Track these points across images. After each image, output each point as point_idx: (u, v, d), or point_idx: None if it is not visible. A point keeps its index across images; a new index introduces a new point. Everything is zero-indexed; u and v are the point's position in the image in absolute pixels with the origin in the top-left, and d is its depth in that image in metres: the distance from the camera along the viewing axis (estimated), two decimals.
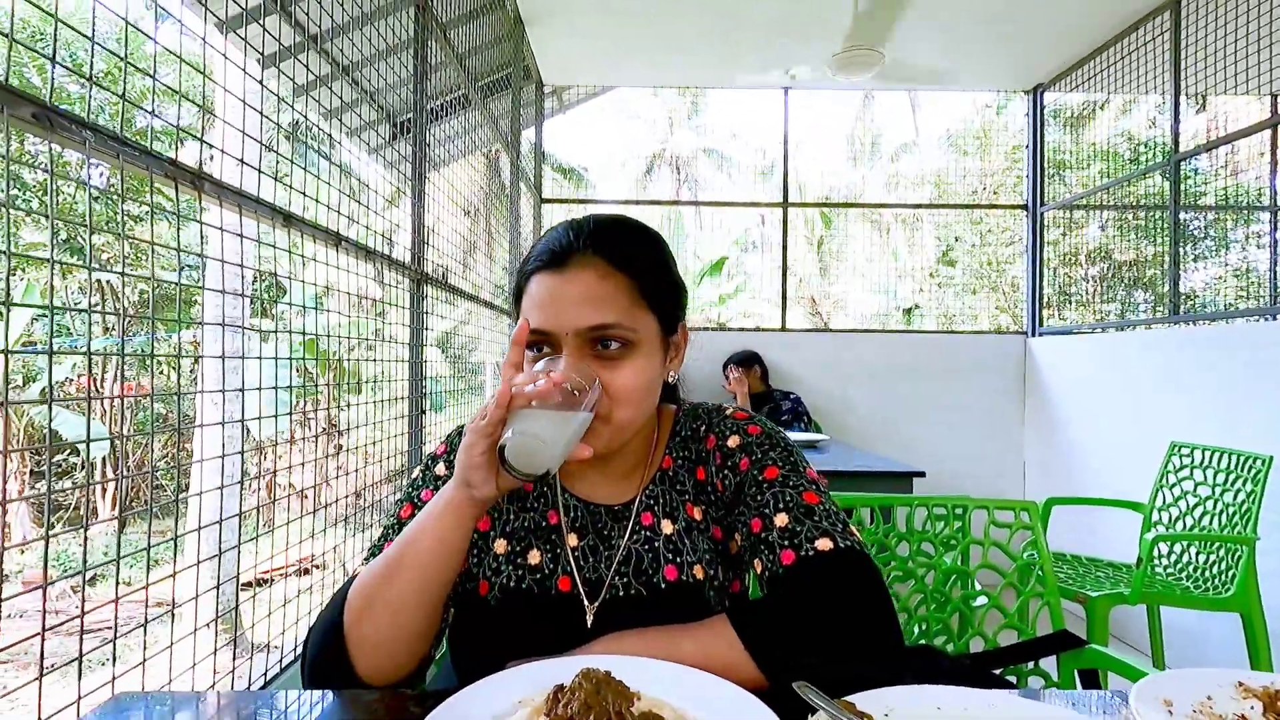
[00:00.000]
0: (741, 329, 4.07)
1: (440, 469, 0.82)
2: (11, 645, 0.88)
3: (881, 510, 1.37)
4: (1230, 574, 2.09)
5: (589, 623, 0.75)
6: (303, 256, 1.10)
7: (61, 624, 1.01)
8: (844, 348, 3.83)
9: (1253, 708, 0.56)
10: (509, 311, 3.13)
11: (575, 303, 0.71)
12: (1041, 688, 1.19)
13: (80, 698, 0.80)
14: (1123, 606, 2.08)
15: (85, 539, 0.90)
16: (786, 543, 0.70)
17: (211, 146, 0.94)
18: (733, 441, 0.81)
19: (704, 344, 3.82)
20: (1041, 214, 3.79)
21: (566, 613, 0.76)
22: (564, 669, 0.59)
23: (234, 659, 1.21)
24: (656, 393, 0.78)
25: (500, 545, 0.79)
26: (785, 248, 3.96)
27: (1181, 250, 2.89)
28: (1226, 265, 4.05)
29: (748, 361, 3.36)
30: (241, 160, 0.92)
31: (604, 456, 0.80)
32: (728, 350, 3.50)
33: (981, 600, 1.33)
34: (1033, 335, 3.76)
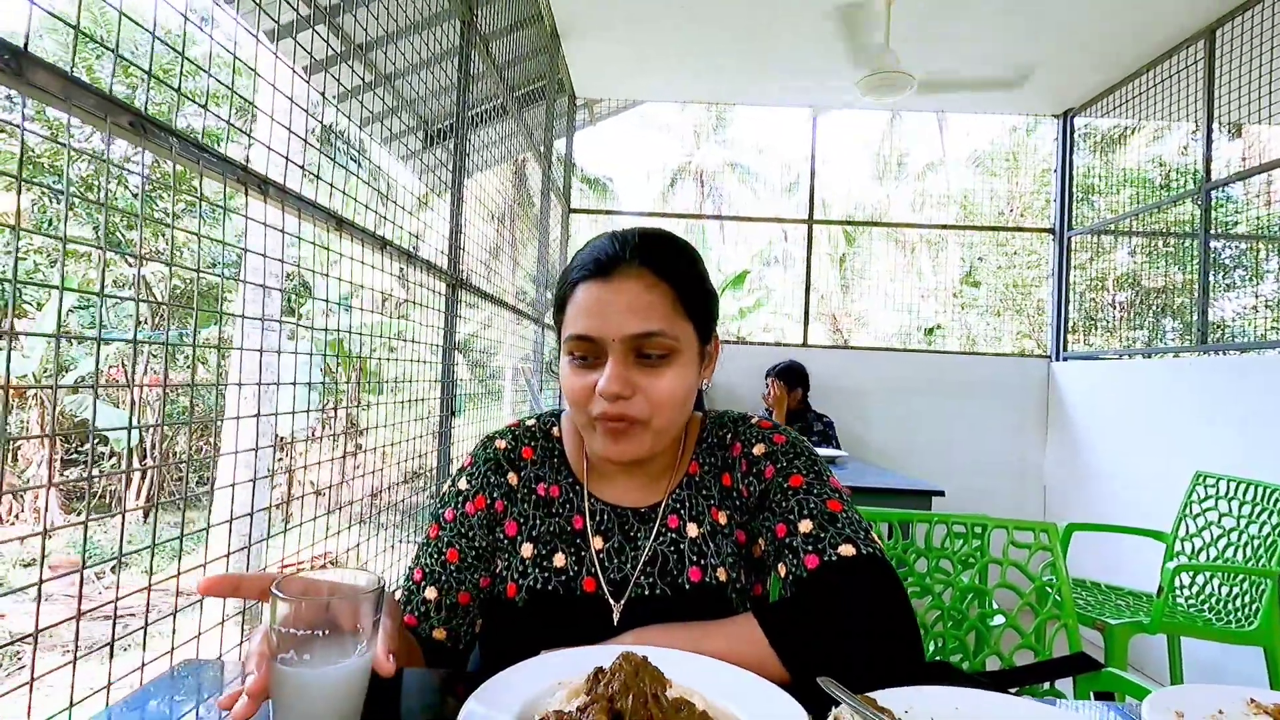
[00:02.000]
0: (763, 343, 4.08)
1: (463, 484, 0.85)
2: (49, 627, 0.92)
3: (901, 526, 1.39)
4: (1254, 607, 2.07)
5: (615, 620, 0.78)
6: (340, 254, 1.15)
7: (94, 608, 1.05)
8: (865, 365, 3.83)
9: None
10: (534, 317, 3.18)
11: (622, 311, 0.74)
12: None
13: (110, 684, 0.82)
14: (1142, 636, 2.06)
15: (123, 526, 0.95)
16: (810, 547, 0.73)
17: (271, 150, 0.99)
18: (758, 449, 0.84)
19: (722, 359, 3.84)
20: (1069, 238, 3.78)
21: (594, 612, 0.79)
22: (600, 654, 0.62)
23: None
24: (692, 400, 0.81)
25: (527, 549, 0.82)
26: (809, 264, 3.98)
27: (1211, 279, 2.87)
28: (1259, 295, 4.00)
29: (792, 381, 3.26)
30: (302, 167, 0.98)
31: (639, 461, 0.83)
32: (751, 364, 3.50)
33: (999, 620, 1.34)
34: (1057, 359, 3.74)
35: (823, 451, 2.88)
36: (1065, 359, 3.71)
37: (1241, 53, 2.71)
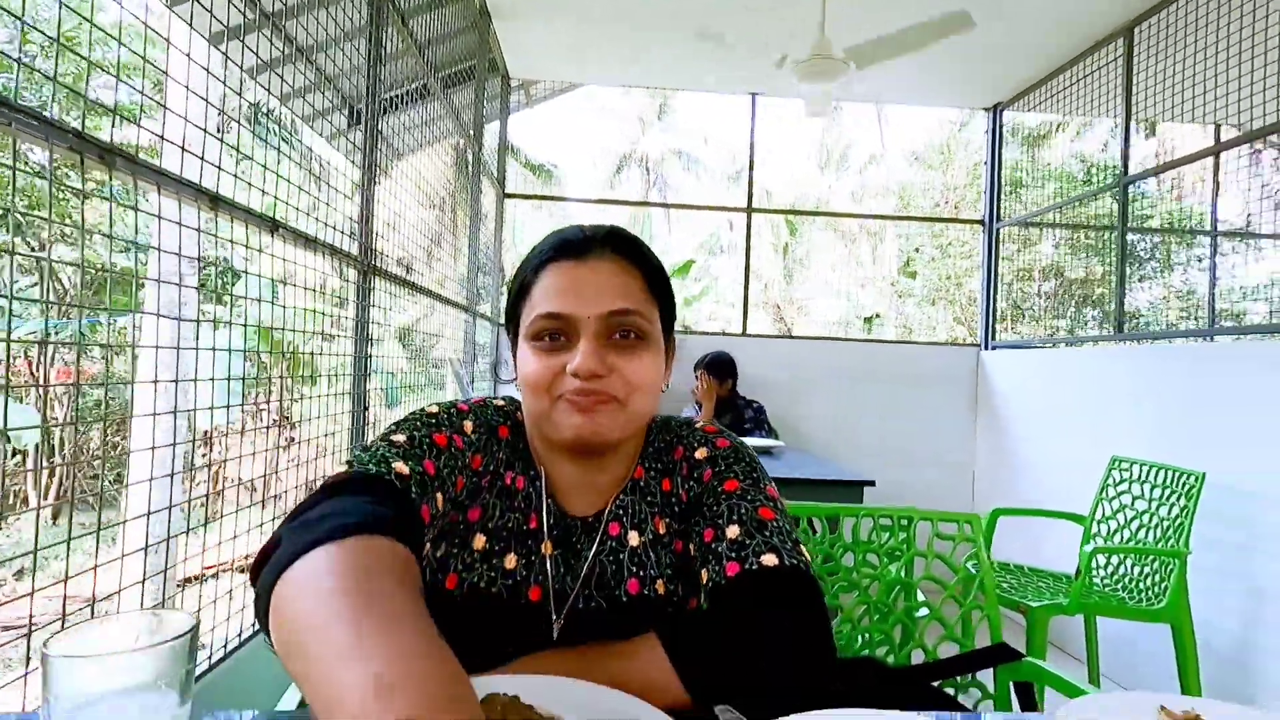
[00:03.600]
0: (706, 333, 4.05)
1: (468, 426, 0.76)
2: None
3: (829, 520, 1.37)
4: (1163, 586, 2.15)
5: (555, 634, 0.73)
6: (230, 241, 1.04)
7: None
8: (805, 354, 3.86)
9: None
10: (464, 305, 3.07)
11: (598, 289, 0.71)
12: (978, 700, 1.20)
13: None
14: (1063, 615, 2.13)
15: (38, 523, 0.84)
16: (734, 554, 0.69)
17: (140, 127, 0.88)
18: (700, 453, 0.80)
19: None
20: (998, 230, 3.88)
21: (534, 623, 0.73)
22: (490, 685, 0.56)
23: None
24: (658, 393, 0.77)
25: (479, 540, 0.75)
26: (748, 253, 3.98)
27: (1128, 270, 2.98)
28: (1170, 286, 4.21)
29: (721, 373, 3.28)
30: (162, 137, 0.87)
31: (603, 455, 0.77)
32: (697, 353, 3.46)
33: (924, 612, 1.33)
34: (986, 348, 3.84)
35: (757, 441, 2.87)
36: (994, 348, 3.82)
37: (1158, 51, 2.80)
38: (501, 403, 0.83)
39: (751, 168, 3.97)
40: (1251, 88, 2.36)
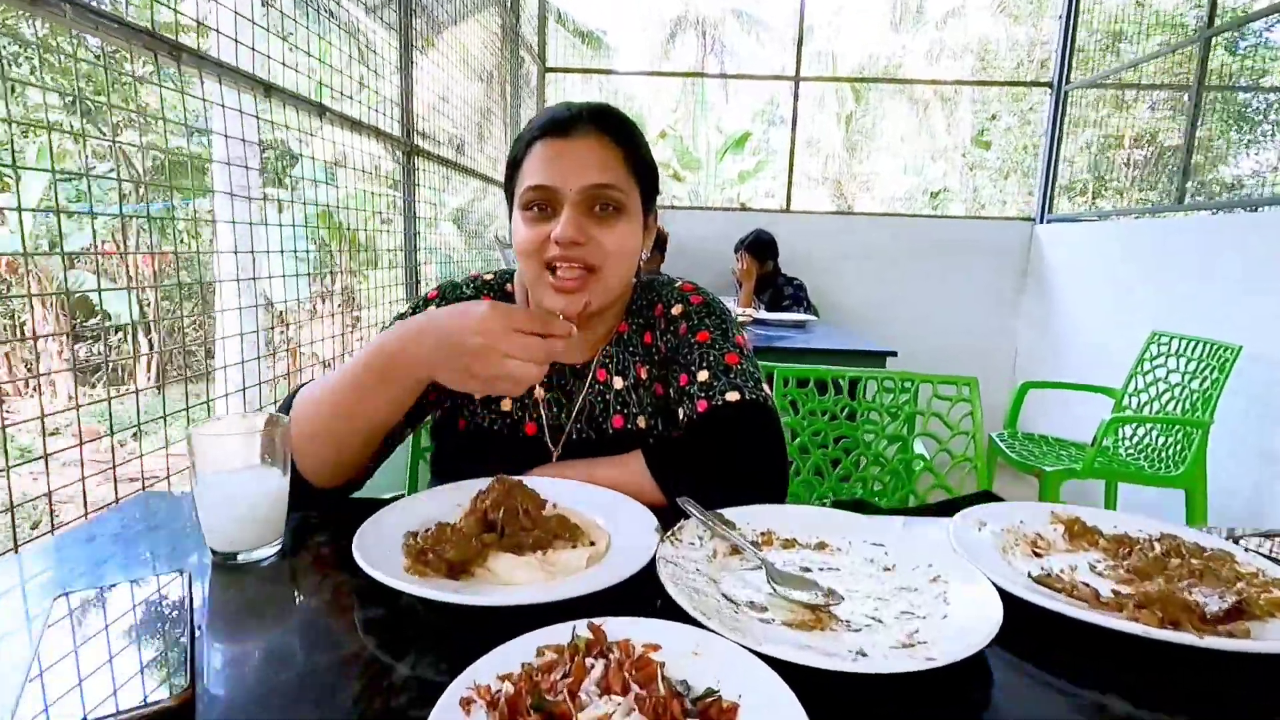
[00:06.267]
0: (746, 207, 4.02)
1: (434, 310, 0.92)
2: (62, 487, 1.03)
3: (849, 384, 1.49)
4: (1183, 454, 2.22)
5: (554, 460, 0.89)
6: (286, 127, 1.16)
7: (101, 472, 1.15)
8: (850, 230, 3.82)
9: (1055, 529, 0.68)
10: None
11: (580, 164, 0.79)
12: None
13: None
14: (1083, 485, 2.23)
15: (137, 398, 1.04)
16: (703, 394, 0.82)
17: (183, 15, 0.98)
18: (676, 309, 0.92)
19: (705, 228, 3.82)
20: (1066, 92, 3.62)
21: (533, 452, 0.89)
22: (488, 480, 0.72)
23: None
24: (635, 261, 0.87)
25: None
26: (794, 125, 3.85)
27: (1232, 133, 2.79)
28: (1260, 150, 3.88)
29: (761, 253, 3.29)
30: (212, 28, 0.97)
31: (586, 318, 0.90)
32: (738, 231, 3.47)
33: (920, 465, 1.47)
34: (1040, 222, 3.71)
35: (793, 316, 2.95)
36: (1049, 221, 3.68)
37: None
38: (490, 276, 0.96)
39: (801, 31, 3.76)
40: None
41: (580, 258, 0.79)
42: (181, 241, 1.21)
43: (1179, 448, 2.26)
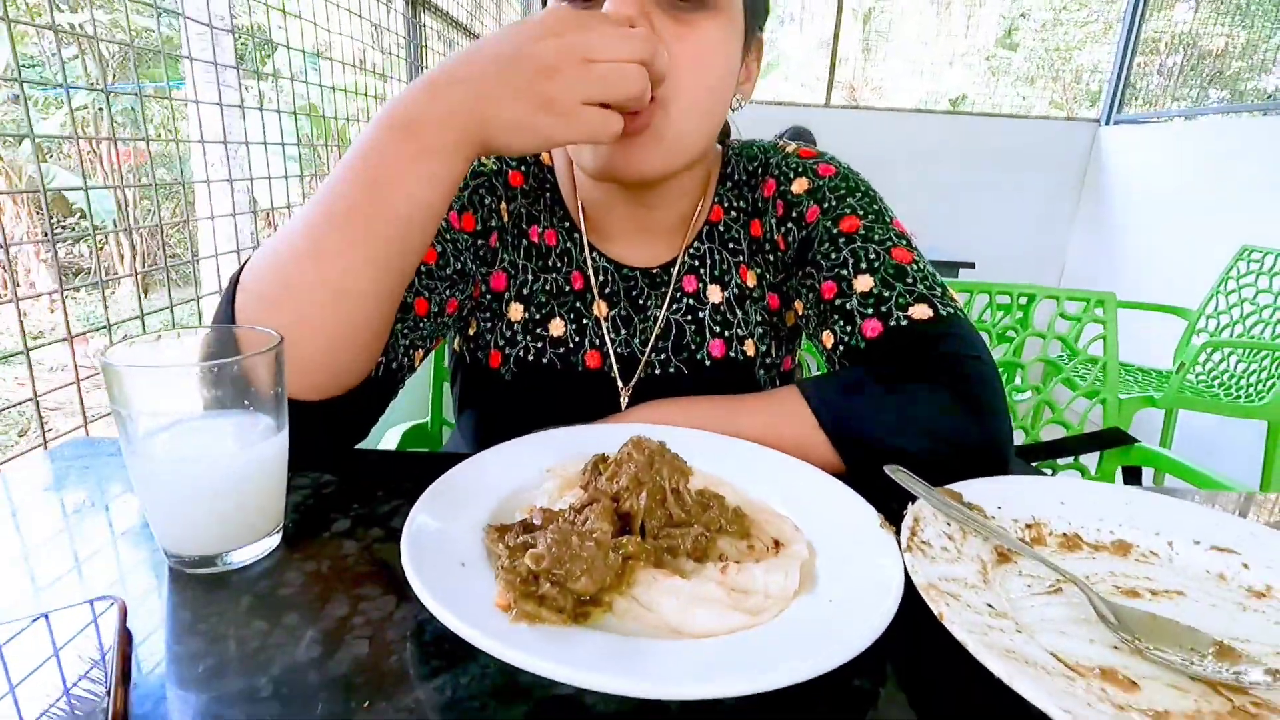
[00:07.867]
0: (780, 102, 3.65)
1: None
2: (48, 392, 0.84)
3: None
4: (1269, 383, 2.02)
5: (623, 405, 0.65)
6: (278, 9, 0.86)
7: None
8: (891, 130, 3.46)
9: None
10: None
11: None
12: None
13: None
14: (1143, 410, 2.04)
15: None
16: (871, 310, 0.57)
17: None
18: (798, 186, 0.65)
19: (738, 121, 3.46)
20: None
21: (597, 393, 0.65)
22: (601, 436, 0.49)
23: None
24: (724, 104, 0.60)
25: (516, 310, 0.66)
26: (840, 10, 3.43)
27: None
28: None
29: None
30: None
31: (648, 200, 0.65)
32: (768, 129, 3.12)
33: (1027, 394, 1.25)
34: (1106, 123, 3.36)
35: None
36: (1117, 123, 3.33)
37: None
38: None
39: None
40: None
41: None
42: (158, 136, 0.96)
43: (1264, 375, 2.06)
